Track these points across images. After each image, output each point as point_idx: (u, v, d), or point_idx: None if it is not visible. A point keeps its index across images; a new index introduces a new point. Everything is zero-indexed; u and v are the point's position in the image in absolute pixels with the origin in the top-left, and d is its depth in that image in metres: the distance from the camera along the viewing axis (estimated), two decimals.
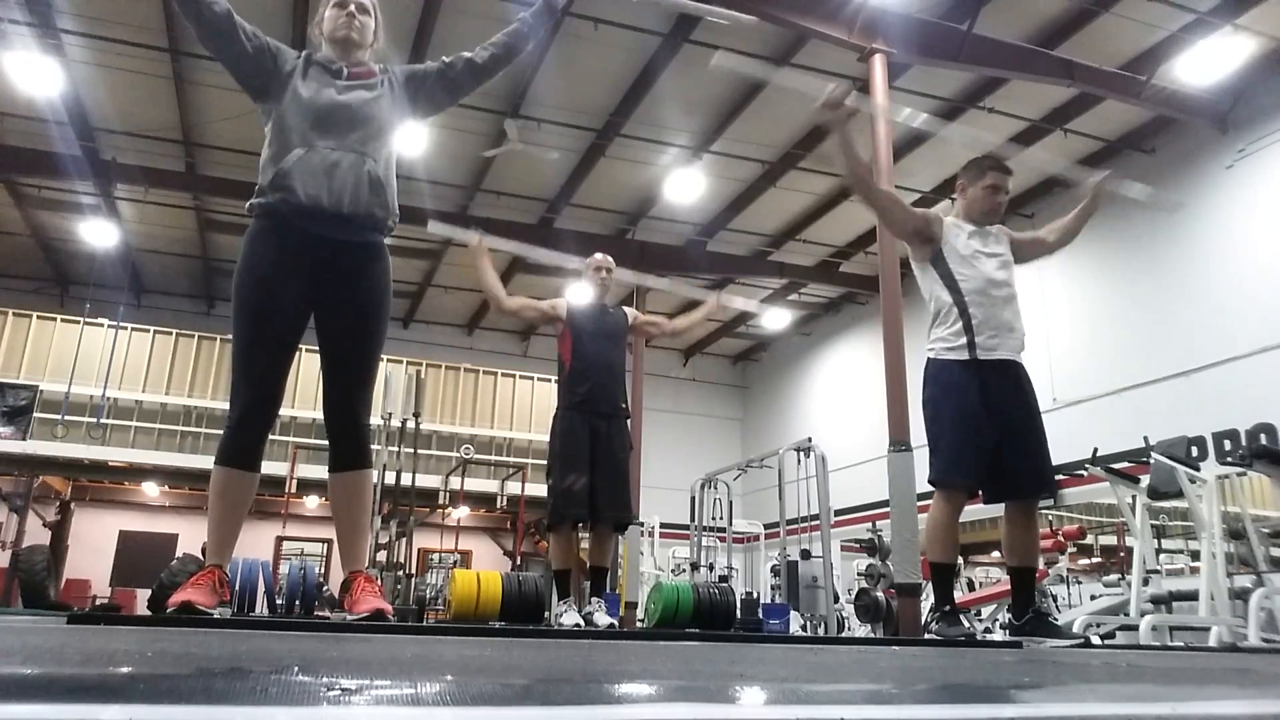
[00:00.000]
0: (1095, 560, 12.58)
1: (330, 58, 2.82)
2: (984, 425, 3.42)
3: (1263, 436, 8.94)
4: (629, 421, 4.86)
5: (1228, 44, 9.41)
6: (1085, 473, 7.59)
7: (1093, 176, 3.88)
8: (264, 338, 2.63)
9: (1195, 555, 7.54)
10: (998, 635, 7.21)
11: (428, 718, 0.91)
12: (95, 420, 12.39)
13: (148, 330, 13.34)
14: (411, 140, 11.16)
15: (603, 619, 4.58)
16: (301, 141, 2.64)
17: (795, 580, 9.58)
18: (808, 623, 9.45)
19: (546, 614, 7.33)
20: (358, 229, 2.69)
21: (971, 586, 11.28)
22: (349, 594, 2.63)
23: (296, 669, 1.22)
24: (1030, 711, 1.19)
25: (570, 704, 1.03)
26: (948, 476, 3.49)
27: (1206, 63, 9.61)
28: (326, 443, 2.77)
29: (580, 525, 4.71)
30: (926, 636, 5.04)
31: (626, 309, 5.10)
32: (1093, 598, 8.30)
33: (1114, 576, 8.62)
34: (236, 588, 8.12)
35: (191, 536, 14.61)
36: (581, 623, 4.46)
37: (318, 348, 2.74)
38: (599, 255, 5.01)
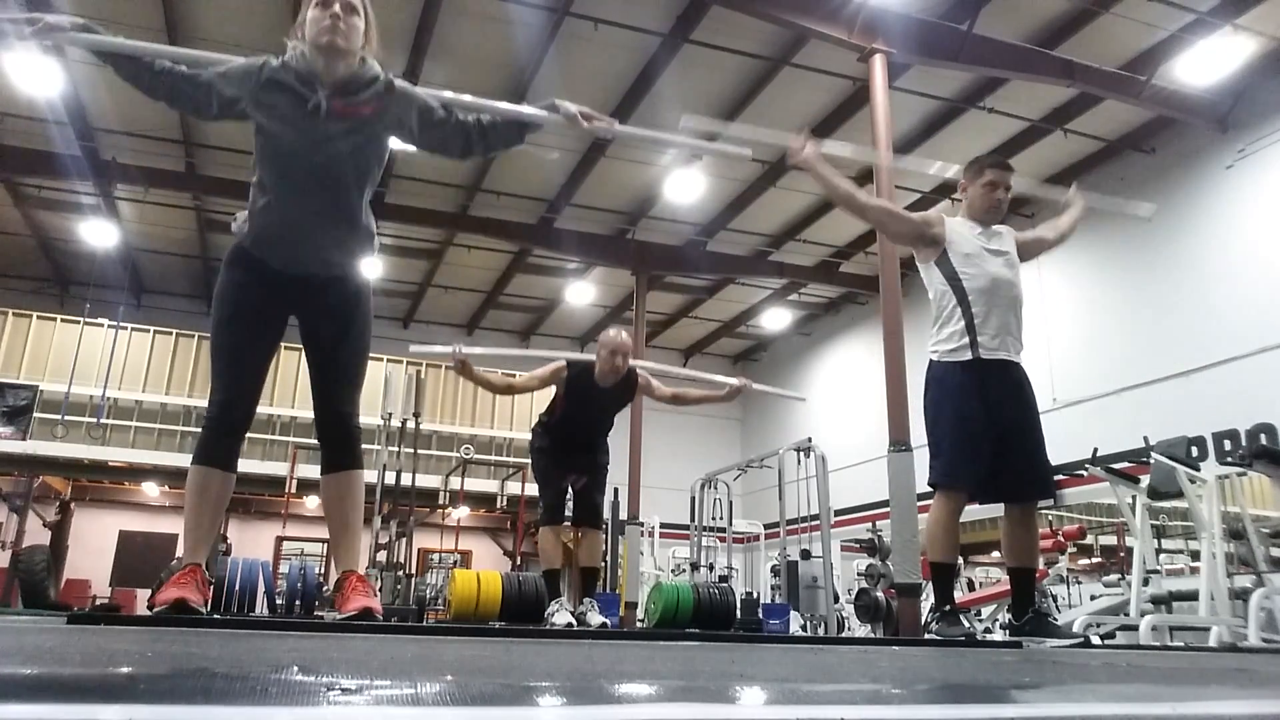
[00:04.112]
0: (1095, 560, 12.57)
1: (311, 71, 2.49)
2: (984, 428, 3.44)
3: (1263, 436, 8.93)
4: None
5: (1228, 44, 9.40)
6: (1085, 473, 7.58)
7: (1067, 192, 4.11)
8: (238, 348, 2.68)
9: (1195, 555, 7.53)
10: (998, 635, 7.20)
11: (428, 718, 0.91)
12: (95, 420, 12.39)
13: (148, 330, 13.34)
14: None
15: (595, 618, 4.63)
16: (271, 190, 2.57)
17: (795, 580, 9.58)
18: (808, 623, 9.45)
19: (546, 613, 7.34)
20: (332, 269, 2.73)
21: (971, 586, 11.28)
22: (340, 593, 2.66)
23: (296, 669, 1.22)
24: (1030, 711, 1.19)
25: (570, 704, 1.03)
26: (949, 479, 3.50)
27: (1206, 63, 9.61)
28: None
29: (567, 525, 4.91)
30: (926, 636, 5.04)
31: (639, 375, 4.75)
32: (1093, 598, 8.30)
33: (1114, 576, 8.62)
34: (237, 588, 8.12)
35: None
36: (574, 622, 4.51)
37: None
38: (614, 335, 4.54)
